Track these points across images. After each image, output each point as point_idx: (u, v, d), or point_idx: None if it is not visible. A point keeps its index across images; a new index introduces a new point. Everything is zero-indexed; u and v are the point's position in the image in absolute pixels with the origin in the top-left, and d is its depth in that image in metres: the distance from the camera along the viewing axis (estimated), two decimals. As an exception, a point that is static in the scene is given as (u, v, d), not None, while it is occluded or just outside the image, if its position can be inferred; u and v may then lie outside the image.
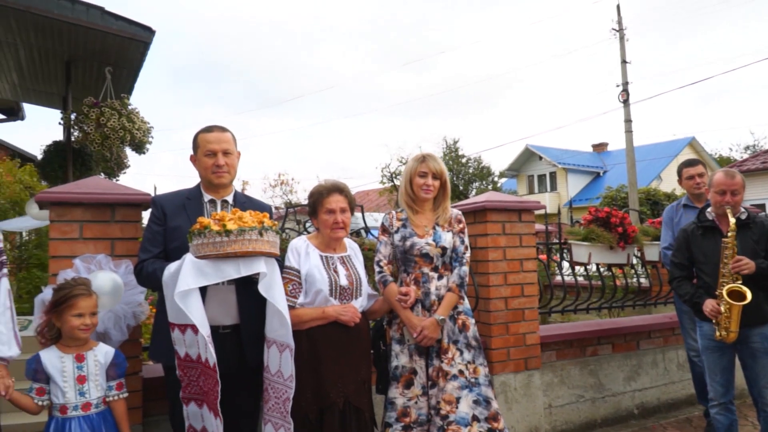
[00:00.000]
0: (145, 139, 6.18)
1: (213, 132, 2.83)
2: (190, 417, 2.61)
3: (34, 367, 2.52)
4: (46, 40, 5.87)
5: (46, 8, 5.10)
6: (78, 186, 3.13)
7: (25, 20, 5.39)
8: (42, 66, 6.87)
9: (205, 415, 2.54)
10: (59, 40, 5.82)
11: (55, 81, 7.40)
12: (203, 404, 2.54)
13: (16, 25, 5.57)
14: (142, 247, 2.77)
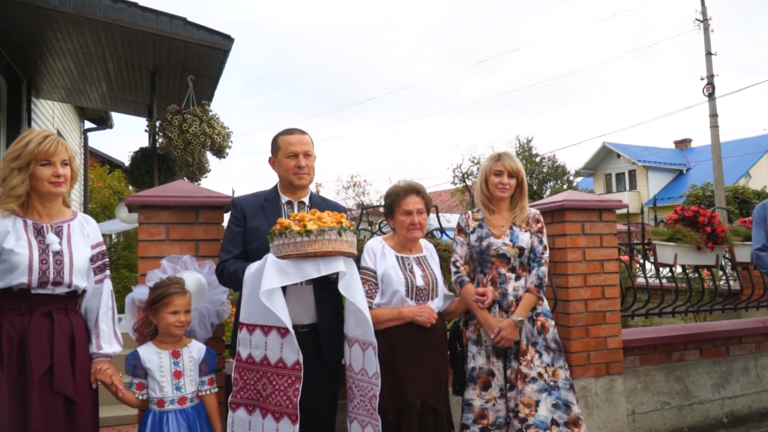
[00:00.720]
0: (224, 144, 6.41)
1: (294, 134, 2.90)
2: (235, 424, 2.62)
3: (133, 363, 2.65)
4: (132, 52, 6.19)
5: (132, 21, 5.38)
6: (164, 190, 3.27)
7: (114, 33, 5.70)
8: (129, 77, 7.25)
9: (254, 422, 2.56)
10: (145, 51, 6.12)
11: (141, 90, 7.80)
12: (255, 410, 2.57)
13: (105, 39, 5.90)
14: (223, 248, 2.86)
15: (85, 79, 7.48)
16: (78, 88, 8.00)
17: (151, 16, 5.42)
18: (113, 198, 11.33)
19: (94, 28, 5.55)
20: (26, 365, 2.33)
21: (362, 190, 26.80)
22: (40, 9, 5.12)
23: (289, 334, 2.43)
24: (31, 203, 2.48)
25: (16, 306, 2.37)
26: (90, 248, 2.60)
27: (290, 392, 2.46)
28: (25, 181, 2.43)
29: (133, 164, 7.21)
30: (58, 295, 2.45)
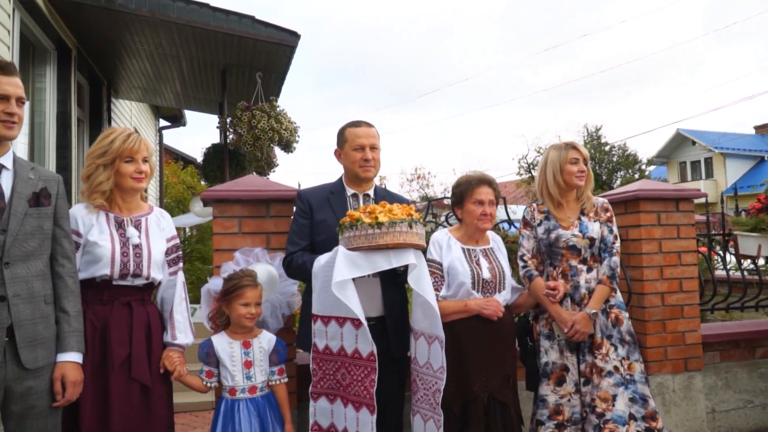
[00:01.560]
0: (292, 139, 6.55)
1: (361, 127, 2.91)
2: (318, 413, 2.66)
3: (206, 351, 2.75)
4: (204, 51, 6.40)
5: (204, 21, 5.56)
6: (236, 184, 3.37)
7: (186, 34, 5.91)
8: (201, 75, 7.51)
9: (336, 410, 2.60)
10: (216, 50, 6.32)
11: (212, 88, 8.06)
12: (336, 399, 2.60)
13: (179, 39, 6.12)
14: (290, 240, 2.90)
15: (160, 78, 7.80)
16: (153, 88, 8.35)
17: (221, 16, 5.58)
18: (186, 193, 11.78)
19: (169, 29, 5.77)
20: (107, 353, 2.47)
21: (426, 183, 26.71)
22: (119, 13, 5.37)
23: (363, 326, 2.46)
24: (114, 198, 2.61)
25: (98, 296, 2.51)
26: (165, 241, 2.71)
27: (367, 383, 2.48)
28: (111, 177, 2.55)
29: (206, 160, 7.48)
30: (136, 286, 2.57)
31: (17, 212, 2.24)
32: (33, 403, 2.23)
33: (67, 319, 2.33)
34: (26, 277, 2.23)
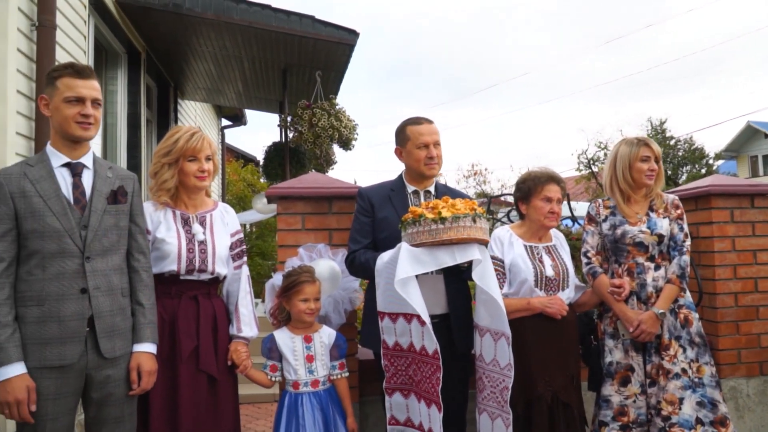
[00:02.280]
0: (351, 137, 6.62)
1: (423, 124, 2.89)
2: (393, 408, 2.67)
3: (269, 345, 2.81)
4: (266, 51, 6.54)
5: (266, 22, 5.68)
6: (300, 181, 3.44)
7: (249, 35, 6.05)
8: (262, 75, 7.67)
9: (411, 405, 2.60)
10: (277, 50, 6.45)
11: (273, 88, 8.22)
12: (410, 394, 2.60)
13: (242, 40, 6.28)
14: (352, 238, 2.92)
15: (223, 79, 8.02)
16: (217, 88, 8.59)
17: (282, 16, 5.69)
18: (247, 190, 12.08)
19: (232, 31, 5.92)
20: (176, 344, 2.56)
21: (483, 179, 26.47)
22: (186, 17, 5.55)
23: (426, 324, 2.45)
24: (179, 195, 2.70)
25: (167, 290, 2.60)
26: (229, 236, 2.78)
27: (433, 380, 2.47)
28: (175, 176, 2.64)
29: (267, 158, 7.65)
30: (202, 280, 2.65)
31: (97, 209, 2.35)
32: (111, 390, 2.35)
33: (142, 312, 2.44)
34: (105, 271, 2.35)
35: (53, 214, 2.26)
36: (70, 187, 2.34)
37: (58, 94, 2.32)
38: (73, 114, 2.31)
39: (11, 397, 2.15)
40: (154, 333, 2.45)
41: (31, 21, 3.54)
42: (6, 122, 3.23)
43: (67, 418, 2.30)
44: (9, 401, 2.15)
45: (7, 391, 2.15)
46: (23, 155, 3.40)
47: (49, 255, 2.25)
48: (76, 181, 2.36)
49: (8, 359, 2.16)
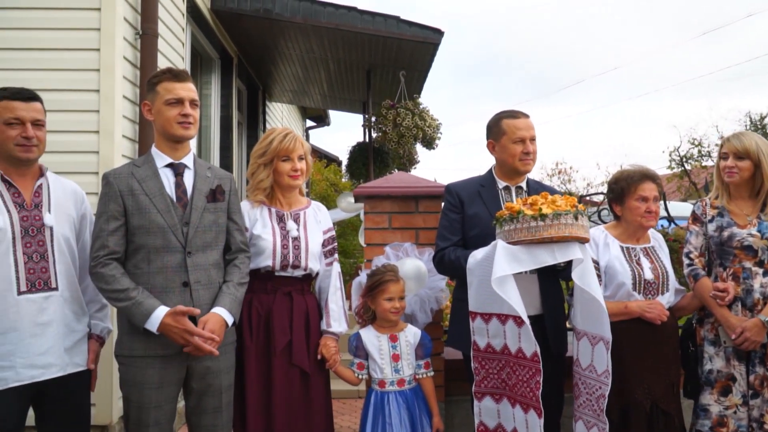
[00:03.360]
0: (435, 136, 6.62)
1: (520, 118, 2.80)
2: (483, 413, 2.58)
3: (356, 344, 2.84)
4: (351, 53, 6.64)
5: (352, 24, 5.77)
6: (387, 181, 3.47)
7: (335, 37, 6.17)
8: (347, 76, 7.80)
9: (503, 410, 2.51)
10: (362, 51, 6.53)
11: (357, 88, 8.34)
12: (502, 398, 2.52)
13: (328, 42, 6.41)
14: (441, 236, 2.86)
15: (309, 81, 8.22)
16: (303, 90, 8.82)
17: (368, 18, 5.76)
18: (330, 190, 12.32)
19: (319, 33, 6.06)
20: (270, 339, 2.63)
21: (567, 178, 25.68)
22: (275, 21, 5.73)
23: (525, 324, 2.36)
24: (274, 194, 2.78)
25: (263, 286, 2.68)
26: (322, 233, 2.84)
27: (532, 384, 2.37)
28: (270, 175, 2.73)
29: (352, 157, 7.79)
30: (296, 277, 2.72)
31: (197, 207, 2.47)
32: (210, 381, 2.45)
33: (228, 285, 2.50)
34: (204, 266, 2.46)
35: (158, 212, 2.39)
36: (173, 186, 2.47)
37: (159, 98, 2.45)
38: (174, 115, 2.44)
39: (178, 330, 2.30)
40: (233, 306, 2.47)
41: (135, 30, 3.76)
42: (113, 126, 3.45)
43: (170, 406, 2.42)
44: (181, 335, 2.30)
45: (171, 330, 2.30)
46: (128, 156, 3.62)
47: (154, 250, 2.38)
48: (179, 181, 2.49)
49: (152, 307, 2.31)
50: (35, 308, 2.31)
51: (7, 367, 2.25)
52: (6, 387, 2.25)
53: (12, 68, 3.48)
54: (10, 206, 2.32)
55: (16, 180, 2.36)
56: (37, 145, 2.37)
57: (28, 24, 3.53)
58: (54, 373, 2.33)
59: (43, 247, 2.36)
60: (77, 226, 2.51)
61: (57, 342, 2.35)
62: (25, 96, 2.36)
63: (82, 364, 2.46)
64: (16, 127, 2.30)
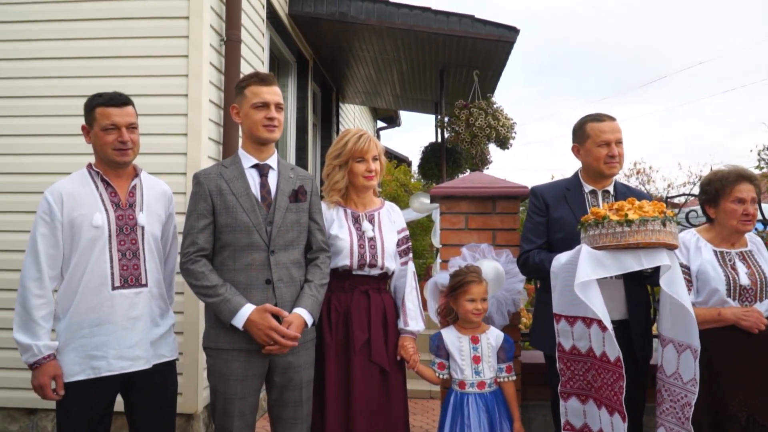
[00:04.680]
0: (509, 135, 6.53)
1: (605, 121, 2.76)
2: (569, 413, 2.58)
3: (437, 343, 2.84)
4: (424, 53, 6.65)
5: (426, 24, 5.78)
6: (463, 181, 3.45)
7: (409, 38, 6.19)
8: (419, 76, 7.81)
9: (589, 411, 2.50)
10: (435, 51, 6.53)
11: (429, 88, 8.34)
12: (588, 399, 2.50)
13: (402, 43, 6.44)
14: (525, 238, 2.85)
15: (381, 82, 8.28)
16: (375, 91, 8.90)
17: (442, 18, 5.75)
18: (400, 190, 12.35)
19: (393, 35, 6.10)
20: (349, 337, 2.68)
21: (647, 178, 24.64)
22: (350, 24, 5.82)
23: (608, 330, 2.33)
24: (349, 195, 2.83)
25: (341, 285, 2.73)
26: (396, 233, 2.87)
27: (616, 388, 2.35)
28: (345, 176, 2.78)
29: (424, 158, 7.79)
30: (372, 276, 2.75)
31: (281, 207, 2.54)
32: (291, 376, 2.52)
33: (310, 286, 2.57)
34: (286, 264, 2.53)
35: (244, 211, 2.48)
36: (258, 186, 2.56)
37: (246, 101, 2.55)
38: (260, 118, 2.52)
39: (263, 327, 2.38)
40: (314, 307, 2.54)
41: (220, 36, 3.91)
42: (200, 129, 3.60)
43: (253, 398, 2.51)
44: (265, 332, 2.38)
45: (256, 326, 2.39)
46: (213, 158, 3.77)
47: (240, 247, 2.47)
48: (263, 181, 2.57)
49: (239, 304, 2.41)
50: (127, 303, 2.44)
51: (100, 356, 2.39)
52: (98, 376, 2.39)
53: (108, 75, 3.70)
54: (108, 206, 2.46)
55: (113, 180, 2.51)
56: (131, 148, 2.49)
57: (121, 33, 3.74)
58: (141, 365, 2.45)
59: (135, 245, 2.49)
60: (164, 224, 2.65)
61: (144, 336, 2.47)
62: (119, 101, 2.48)
63: (167, 355, 2.59)
64: (112, 132, 2.43)
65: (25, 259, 2.41)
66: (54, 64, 3.77)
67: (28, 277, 2.39)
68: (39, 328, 2.37)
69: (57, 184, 2.46)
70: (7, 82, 3.78)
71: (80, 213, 2.40)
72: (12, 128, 3.78)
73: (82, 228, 2.39)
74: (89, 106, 2.48)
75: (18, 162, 3.77)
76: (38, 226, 2.40)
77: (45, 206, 2.40)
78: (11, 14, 3.78)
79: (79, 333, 2.39)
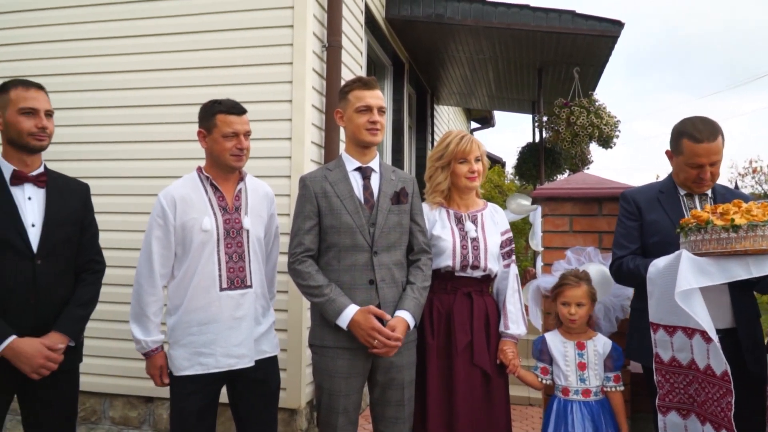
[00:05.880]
0: (612, 134, 6.27)
1: (702, 143, 2.48)
2: (668, 428, 2.42)
3: (540, 347, 2.78)
4: (522, 52, 6.51)
5: (524, 22, 5.66)
6: (567, 182, 3.35)
7: (506, 37, 6.09)
8: (515, 76, 7.66)
9: (692, 427, 2.34)
10: (533, 50, 6.38)
11: (526, 87, 8.16)
12: (690, 414, 2.35)
13: (498, 43, 6.35)
14: (617, 243, 2.73)
15: (476, 82, 8.20)
16: (469, 91, 8.82)
17: (541, 15, 5.61)
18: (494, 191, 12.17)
19: (489, 34, 6.02)
20: (451, 338, 2.67)
21: (765, 178, 22.87)
22: (447, 25, 5.80)
23: (713, 341, 2.17)
24: (452, 196, 2.84)
25: (443, 285, 2.74)
26: (499, 235, 2.84)
27: (723, 404, 2.18)
28: (447, 178, 2.79)
29: (521, 159, 7.63)
30: (475, 277, 2.74)
31: (383, 209, 2.58)
32: (393, 375, 2.55)
33: (412, 288, 2.58)
34: (389, 265, 2.56)
35: (348, 213, 2.54)
36: (361, 188, 2.61)
37: (350, 105, 2.61)
38: (363, 122, 2.58)
39: (366, 327, 2.43)
40: (416, 310, 2.55)
41: (322, 43, 4.02)
42: (304, 133, 3.72)
43: (357, 396, 2.56)
44: (368, 332, 2.43)
45: (360, 327, 2.44)
46: (316, 161, 3.88)
47: (344, 248, 2.53)
48: (366, 183, 2.63)
49: (344, 304, 2.47)
50: (233, 304, 2.56)
51: (208, 354, 2.52)
52: (207, 372, 2.53)
53: (216, 84, 3.90)
54: (216, 210, 2.59)
55: (221, 184, 2.64)
56: (246, 155, 2.63)
57: (229, 44, 3.92)
58: (246, 363, 2.58)
59: (241, 248, 2.61)
60: (266, 225, 2.75)
61: (248, 334, 2.59)
62: (239, 110, 2.62)
63: (269, 351, 2.70)
64: (232, 138, 2.57)
65: (140, 257, 2.60)
66: (167, 75, 4.02)
67: (142, 275, 2.57)
68: (150, 322, 2.56)
69: (170, 187, 2.62)
70: (125, 92, 4.07)
71: (191, 217, 2.55)
72: (128, 135, 4.06)
73: (193, 231, 2.54)
74: (209, 113, 2.62)
75: (132, 167, 4.05)
76: (153, 228, 2.57)
77: (159, 209, 2.57)
78: (128, 29, 4.07)
79: (188, 330, 2.54)
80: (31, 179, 2.43)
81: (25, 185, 2.42)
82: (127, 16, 4.07)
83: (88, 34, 4.13)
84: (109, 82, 4.10)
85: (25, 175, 2.41)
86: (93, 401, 4.07)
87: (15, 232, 2.33)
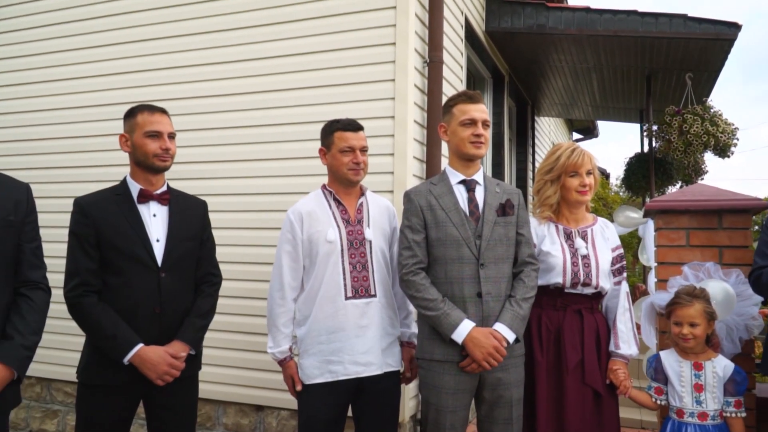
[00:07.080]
0: (729, 142, 5.87)
1: None
2: None
3: (655, 366, 2.66)
4: (629, 59, 6.26)
5: (631, 28, 5.44)
6: (683, 194, 3.18)
7: (612, 44, 5.88)
8: (622, 84, 7.37)
9: None
10: (641, 56, 6.12)
11: (632, 96, 7.82)
12: None
13: (603, 51, 6.14)
14: (760, 253, 2.58)
15: (579, 92, 7.96)
16: (572, 102, 8.57)
17: (650, 20, 5.37)
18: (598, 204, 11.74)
19: (594, 42, 5.84)
20: (561, 356, 2.60)
21: None
22: (548, 36, 5.69)
23: None
24: (561, 210, 2.78)
25: (552, 302, 2.68)
26: (610, 251, 2.75)
27: None
28: (557, 192, 2.73)
29: (629, 170, 7.31)
30: (585, 294, 2.67)
31: (489, 221, 2.57)
32: (501, 393, 2.51)
33: (511, 301, 2.53)
34: (495, 278, 2.54)
35: (453, 225, 2.55)
36: (466, 201, 2.62)
37: (454, 119, 2.63)
38: (467, 135, 2.59)
39: (487, 346, 2.40)
40: (514, 322, 2.48)
41: (423, 59, 4.07)
42: (406, 148, 3.78)
43: (464, 412, 2.54)
44: (488, 350, 2.41)
45: (480, 345, 2.41)
46: (418, 176, 3.92)
47: (450, 261, 2.54)
48: (471, 196, 2.63)
49: (459, 318, 2.46)
50: (358, 312, 2.63)
51: (336, 361, 2.60)
52: (336, 379, 2.60)
53: (323, 102, 4.03)
54: (340, 222, 2.69)
55: (344, 198, 2.74)
56: (363, 169, 2.72)
57: (335, 64, 4.05)
58: (373, 371, 2.63)
59: (364, 258, 2.68)
60: (389, 238, 2.81)
61: (375, 343, 2.64)
62: (355, 126, 2.74)
63: (394, 365, 2.73)
64: (348, 154, 2.67)
65: (272, 271, 2.75)
66: (279, 95, 4.19)
67: (273, 287, 2.72)
68: (279, 333, 2.68)
69: (297, 204, 2.76)
70: (253, 113, 4.27)
71: (317, 229, 2.67)
72: (255, 153, 4.25)
73: (319, 243, 2.65)
74: (328, 131, 2.76)
75: (261, 184, 4.22)
76: (283, 243, 2.71)
77: (288, 225, 2.71)
78: (245, 53, 4.30)
79: (317, 339, 2.64)
80: (155, 197, 2.62)
81: (150, 203, 2.62)
82: (245, 41, 4.30)
83: (208, 59, 4.40)
84: (227, 104, 4.33)
85: (151, 194, 2.62)
86: (208, 408, 4.29)
87: (142, 247, 2.52)
